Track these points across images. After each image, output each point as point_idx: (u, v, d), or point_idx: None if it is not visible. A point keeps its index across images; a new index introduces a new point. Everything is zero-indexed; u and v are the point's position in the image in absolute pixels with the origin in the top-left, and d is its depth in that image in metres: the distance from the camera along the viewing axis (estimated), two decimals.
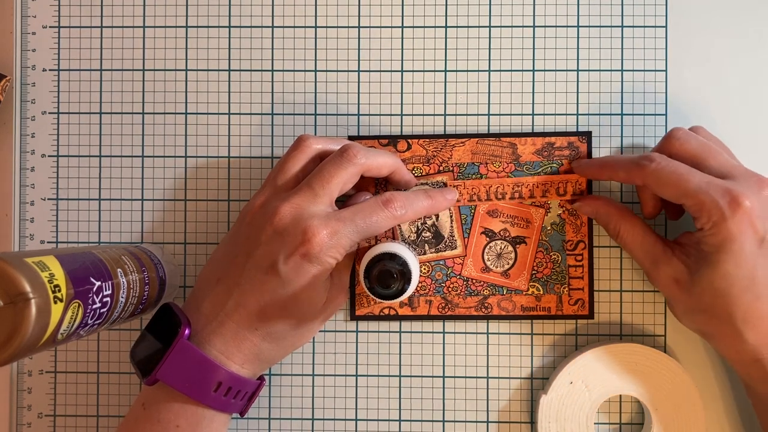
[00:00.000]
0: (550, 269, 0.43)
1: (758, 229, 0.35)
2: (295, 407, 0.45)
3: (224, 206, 0.45)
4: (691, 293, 0.37)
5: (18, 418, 0.45)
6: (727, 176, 0.37)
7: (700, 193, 0.35)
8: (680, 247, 0.39)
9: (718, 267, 0.35)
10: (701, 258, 0.36)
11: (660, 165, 0.37)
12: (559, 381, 0.42)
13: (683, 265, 0.38)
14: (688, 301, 0.38)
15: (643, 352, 0.42)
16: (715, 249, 0.35)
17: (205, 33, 0.45)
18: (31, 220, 0.45)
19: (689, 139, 0.39)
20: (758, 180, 0.36)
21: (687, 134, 0.39)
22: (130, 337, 0.45)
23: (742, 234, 0.35)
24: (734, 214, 0.34)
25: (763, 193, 0.36)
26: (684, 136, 0.39)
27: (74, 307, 0.32)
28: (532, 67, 0.44)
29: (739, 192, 0.35)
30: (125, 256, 0.38)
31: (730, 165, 0.37)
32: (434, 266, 0.44)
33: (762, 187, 0.36)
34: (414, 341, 0.44)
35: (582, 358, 0.42)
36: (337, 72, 0.45)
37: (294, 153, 0.40)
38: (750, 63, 0.44)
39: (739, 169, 0.37)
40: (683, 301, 0.38)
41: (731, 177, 0.37)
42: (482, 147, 0.44)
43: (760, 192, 0.36)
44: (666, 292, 0.39)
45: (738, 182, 0.36)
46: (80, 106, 0.45)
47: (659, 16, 0.44)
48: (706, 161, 0.38)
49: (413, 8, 0.45)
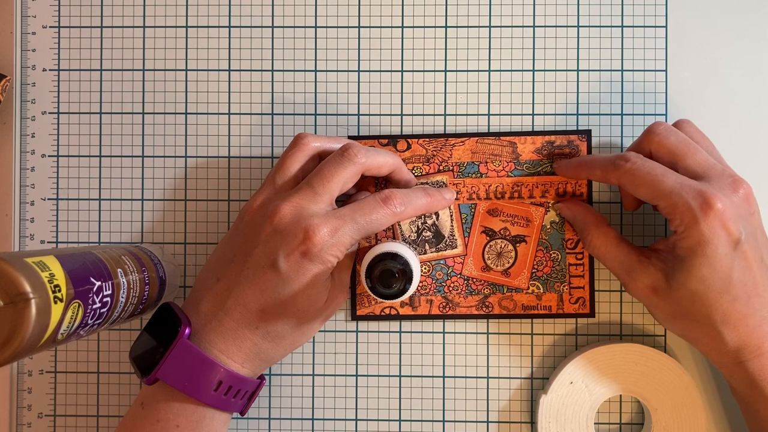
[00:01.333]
0: (551, 268, 0.43)
1: (732, 231, 0.34)
2: (295, 407, 0.45)
3: (224, 206, 0.45)
4: (669, 299, 0.37)
5: (18, 418, 0.45)
6: (703, 176, 0.36)
7: (673, 194, 0.35)
8: (656, 253, 0.38)
9: (693, 271, 0.35)
10: (677, 262, 0.36)
11: (635, 165, 0.37)
12: (559, 381, 0.42)
13: (660, 272, 0.37)
14: (667, 307, 0.37)
15: (643, 352, 0.42)
16: (690, 253, 0.35)
17: (205, 33, 0.45)
18: (31, 220, 0.45)
19: (668, 135, 0.38)
20: (733, 181, 0.36)
21: (667, 130, 0.38)
22: (130, 337, 0.45)
23: (715, 237, 0.34)
24: (706, 217, 0.34)
25: (738, 194, 0.35)
26: (664, 131, 0.38)
27: (74, 307, 0.32)
28: (532, 67, 0.44)
29: (711, 194, 0.34)
30: (125, 256, 0.38)
31: (707, 164, 0.37)
32: (435, 266, 0.44)
33: (736, 187, 0.35)
34: (414, 341, 0.44)
35: (582, 358, 0.42)
36: (337, 72, 0.45)
37: (293, 152, 0.39)
38: (750, 63, 0.44)
39: (715, 168, 0.36)
40: (662, 307, 0.38)
41: (706, 177, 0.36)
42: (482, 146, 0.44)
43: (734, 193, 0.35)
44: (644, 300, 0.38)
45: (712, 183, 0.35)
46: (80, 106, 0.45)
47: (659, 16, 0.44)
48: (684, 159, 0.37)
49: (413, 8, 0.45)
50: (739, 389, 0.38)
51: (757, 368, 0.36)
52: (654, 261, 0.38)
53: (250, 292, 0.36)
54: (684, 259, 0.35)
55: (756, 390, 0.36)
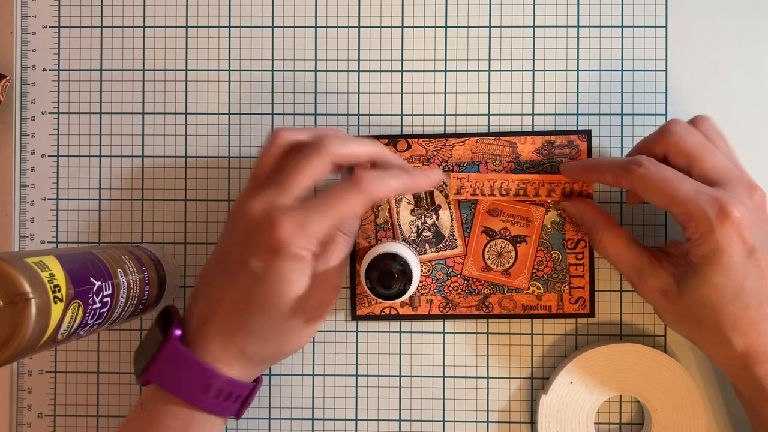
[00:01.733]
0: (551, 268, 0.43)
1: (747, 239, 0.34)
2: (295, 407, 0.45)
3: (224, 206, 0.45)
4: (679, 304, 0.36)
5: (18, 418, 0.45)
6: (718, 182, 0.35)
7: (689, 202, 0.34)
8: (668, 257, 0.38)
9: (706, 278, 0.35)
10: (690, 268, 0.36)
11: (649, 170, 0.36)
12: (559, 381, 0.42)
13: (671, 276, 0.37)
14: (676, 311, 0.37)
15: (643, 352, 0.42)
16: (704, 260, 0.35)
17: (205, 33, 0.45)
18: (31, 220, 0.45)
19: (686, 135, 0.37)
20: (749, 187, 0.35)
21: (686, 130, 0.37)
22: (130, 337, 0.45)
23: (731, 246, 0.34)
24: (722, 225, 0.34)
25: (754, 200, 0.35)
26: (682, 131, 0.37)
27: (74, 307, 0.32)
28: (532, 67, 0.44)
29: (727, 201, 0.34)
30: (125, 256, 0.38)
31: (723, 169, 0.36)
32: (435, 266, 0.44)
33: (752, 193, 0.35)
34: (414, 341, 0.44)
35: (582, 358, 0.42)
36: (337, 72, 0.45)
37: (268, 148, 0.38)
38: (750, 63, 0.44)
39: (731, 173, 0.36)
40: (671, 310, 0.37)
41: (722, 183, 0.35)
42: (482, 146, 0.44)
43: (750, 199, 0.35)
44: (653, 303, 0.38)
45: (727, 190, 0.35)
46: (80, 106, 0.45)
47: (659, 16, 0.44)
48: (700, 163, 0.36)
49: (413, 8, 0.45)
50: (744, 392, 0.38)
51: (764, 372, 0.36)
52: (665, 264, 0.37)
53: (230, 292, 0.36)
54: (697, 265, 0.35)
55: (762, 393, 0.36)
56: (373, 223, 0.44)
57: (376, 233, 0.44)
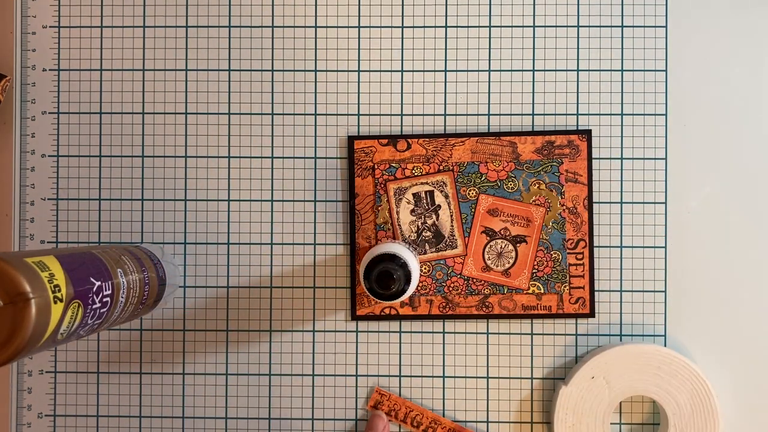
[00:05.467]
0: (551, 268, 0.43)
1: None
2: (295, 407, 0.45)
3: (224, 206, 0.45)
4: None
5: (18, 418, 0.45)
6: None
7: None
8: None
9: None
10: None
11: None
12: (581, 374, 0.42)
13: None
14: None
15: (667, 357, 0.42)
16: None
17: (205, 33, 0.45)
18: (31, 220, 0.45)
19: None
20: None
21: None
22: (130, 337, 0.45)
23: None
24: None
25: None
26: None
27: (74, 307, 0.32)
28: (532, 67, 0.44)
29: None
30: (125, 256, 0.38)
31: None
32: (435, 266, 0.44)
33: None
34: (414, 341, 0.44)
35: (605, 354, 0.42)
36: (337, 72, 0.45)
37: None
38: (750, 63, 0.44)
39: None
40: None
41: None
42: (482, 146, 0.44)
43: None
44: None
45: None
46: (80, 106, 0.45)
47: (659, 16, 0.44)
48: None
49: (413, 8, 0.45)
50: None
51: None
52: None
53: None
54: None
55: None
56: (373, 223, 0.44)
57: (376, 233, 0.44)
